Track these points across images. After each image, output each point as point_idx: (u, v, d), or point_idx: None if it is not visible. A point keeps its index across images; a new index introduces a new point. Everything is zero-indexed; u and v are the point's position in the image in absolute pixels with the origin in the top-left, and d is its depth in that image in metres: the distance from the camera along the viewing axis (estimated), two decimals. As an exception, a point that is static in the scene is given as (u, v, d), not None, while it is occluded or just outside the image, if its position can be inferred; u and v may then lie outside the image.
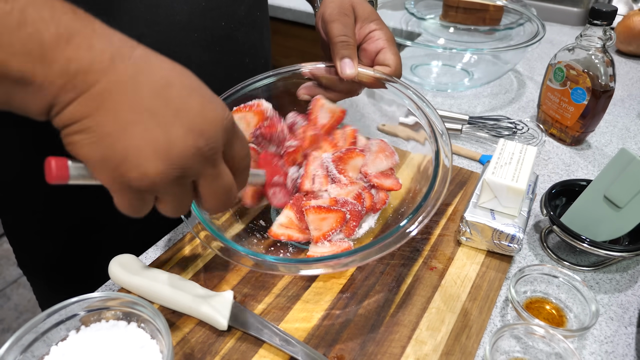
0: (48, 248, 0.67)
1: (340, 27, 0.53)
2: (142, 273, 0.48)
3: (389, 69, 0.54)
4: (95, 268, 0.55)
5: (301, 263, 0.44)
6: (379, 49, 0.54)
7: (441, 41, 1.07)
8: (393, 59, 0.54)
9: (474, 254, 0.54)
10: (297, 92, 0.59)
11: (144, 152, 0.31)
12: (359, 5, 0.55)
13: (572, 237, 0.52)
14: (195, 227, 0.46)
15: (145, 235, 0.61)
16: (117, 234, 0.66)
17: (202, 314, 0.46)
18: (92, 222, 0.65)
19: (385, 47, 0.54)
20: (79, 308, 0.42)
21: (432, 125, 0.53)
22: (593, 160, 0.73)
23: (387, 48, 0.54)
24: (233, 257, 0.44)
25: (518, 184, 0.51)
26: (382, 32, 0.55)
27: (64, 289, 0.70)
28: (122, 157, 0.31)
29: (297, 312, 0.48)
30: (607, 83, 0.69)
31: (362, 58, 0.56)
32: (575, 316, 0.48)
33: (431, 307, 0.48)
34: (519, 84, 0.95)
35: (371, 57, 0.55)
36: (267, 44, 0.75)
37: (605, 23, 0.66)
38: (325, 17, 0.54)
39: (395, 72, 0.54)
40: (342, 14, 0.53)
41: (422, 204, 0.44)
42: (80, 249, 0.66)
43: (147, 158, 0.31)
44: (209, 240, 0.45)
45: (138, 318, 0.42)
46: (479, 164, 0.71)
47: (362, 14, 0.55)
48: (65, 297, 0.42)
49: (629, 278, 0.53)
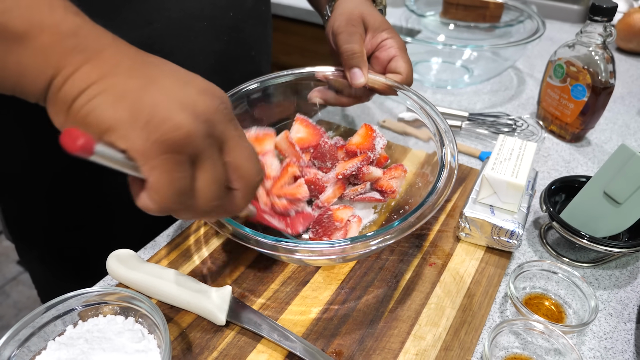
0: (49, 239, 0.67)
1: (347, 37, 0.54)
2: (140, 268, 0.48)
3: (401, 76, 0.56)
4: (94, 261, 0.55)
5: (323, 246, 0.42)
6: (390, 57, 0.56)
7: (441, 38, 1.07)
8: (404, 66, 0.55)
9: (473, 249, 0.54)
10: (308, 94, 0.60)
11: (171, 105, 0.30)
12: (369, 15, 0.56)
13: (571, 233, 0.52)
14: None
15: (144, 231, 0.61)
16: (118, 229, 0.66)
17: (200, 309, 0.45)
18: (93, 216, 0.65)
19: (397, 55, 0.56)
20: (77, 303, 0.42)
21: (435, 123, 0.53)
22: (593, 157, 0.73)
23: (398, 56, 0.56)
24: (249, 241, 0.42)
25: (517, 180, 0.51)
26: (393, 41, 0.56)
27: (63, 278, 0.71)
28: (151, 111, 0.29)
29: (296, 307, 0.47)
30: (607, 80, 0.68)
31: (374, 66, 0.58)
32: (574, 312, 0.48)
33: (430, 303, 0.48)
34: (518, 81, 0.95)
35: (383, 65, 0.57)
36: (270, 40, 0.76)
37: (605, 19, 0.66)
38: (334, 29, 0.56)
39: (406, 79, 0.56)
40: (349, 25, 0.55)
41: (428, 199, 0.44)
42: (81, 241, 0.67)
43: (176, 111, 0.30)
44: (220, 226, 0.43)
45: (136, 313, 0.42)
46: (478, 160, 0.70)
47: (373, 23, 0.56)
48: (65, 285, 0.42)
49: (628, 274, 0.53)
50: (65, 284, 0.71)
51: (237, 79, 0.66)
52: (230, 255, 0.53)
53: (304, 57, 1.49)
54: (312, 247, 0.42)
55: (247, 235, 0.42)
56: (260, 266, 0.51)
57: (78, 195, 0.63)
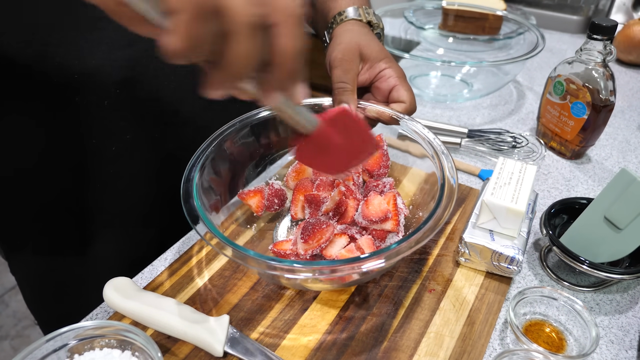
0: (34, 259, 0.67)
1: (340, 73, 0.55)
2: (136, 297, 0.47)
3: (404, 105, 0.56)
4: (89, 285, 0.55)
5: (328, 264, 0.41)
6: (391, 86, 0.57)
7: (440, 51, 1.07)
8: (406, 95, 0.56)
9: (473, 275, 0.53)
10: None
11: None
12: (367, 46, 0.57)
13: (571, 258, 0.51)
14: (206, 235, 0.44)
15: (141, 252, 0.60)
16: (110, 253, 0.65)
17: (197, 340, 0.45)
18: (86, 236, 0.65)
19: (397, 84, 0.56)
20: (72, 336, 0.41)
21: (431, 144, 0.53)
22: (593, 174, 0.72)
23: (399, 85, 0.56)
24: (249, 262, 0.41)
25: (517, 206, 0.50)
26: (392, 70, 0.57)
27: (52, 300, 0.70)
28: None
29: (294, 336, 0.47)
30: (608, 97, 0.68)
31: (376, 96, 0.59)
32: (575, 340, 0.47)
33: (429, 332, 0.47)
34: (518, 95, 0.94)
35: (385, 95, 0.58)
36: None
37: (605, 38, 0.66)
38: (330, 61, 0.56)
39: (410, 106, 0.56)
40: (344, 60, 0.55)
41: (429, 220, 0.44)
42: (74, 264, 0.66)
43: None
44: (221, 247, 0.43)
45: (132, 346, 0.42)
46: (478, 179, 0.70)
47: (370, 54, 0.56)
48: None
49: (629, 299, 0.53)
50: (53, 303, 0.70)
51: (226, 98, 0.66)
52: (228, 282, 0.52)
53: (308, 68, 1.48)
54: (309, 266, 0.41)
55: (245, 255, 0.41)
56: (258, 293, 0.51)
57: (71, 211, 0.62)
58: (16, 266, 0.70)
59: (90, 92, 0.55)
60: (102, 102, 0.56)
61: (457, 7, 1.06)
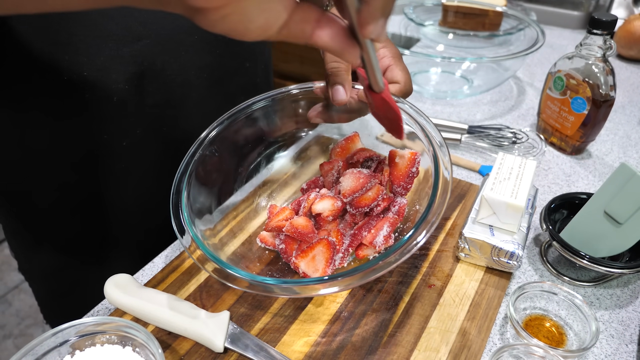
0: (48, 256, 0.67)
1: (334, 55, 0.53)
2: (137, 294, 0.47)
3: (399, 85, 0.54)
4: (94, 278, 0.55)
5: (301, 284, 0.43)
6: (386, 66, 0.54)
7: (440, 47, 1.07)
8: (401, 75, 0.54)
9: (473, 270, 0.53)
10: (308, 114, 0.59)
11: None
12: None
13: (571, 253, 0.51)
14: (190, 247, 0.46)
15: (142, 250, 0.61)
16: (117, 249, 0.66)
17: (198, 336, 0.45)
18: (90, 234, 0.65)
19: (392, 64, 0.54)
20: (73, 332, 0.42)
21: (428, 136, 0.52)
22: (594, 169, 0.72)
23: (394, 65, 0.54)
24: (227, 278, 0.43)
25: (517, 201, 0.50)
26: (387, 50, 0.54)
27: (63, 297, 0.71)
28: None
29: (294, 333, 0.47)
30: (608, 92, 0.68)
31: None
32: (575, 334, 0.47)
33: (429, 327, 0.47)
34: (518, 91, 0.94)
35: None
36: (268, 50, 0.75)
37: (605, 32, 0.66)
38: None
39: (405, 87, 0.54)
40: None
41: (425, 217, 0.44)
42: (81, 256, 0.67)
43: None
44: (203, 261, 0.44)
45: (133, 342, 0.42)
46: (478, 174, 0.70)
47: None
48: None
49: (629, 293, 0.53)
50: (64, 299, 0.71)
51: (232, 91, 0.66)
52: (228, 277, 0.52)
53: (303, 65, 1.49)
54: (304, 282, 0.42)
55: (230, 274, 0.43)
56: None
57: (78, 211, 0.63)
58: (29, 264, 0.70)
59: (100, 88, 0.55)
60: (112, 98, 0.56)
61: (457, 3, 1.06)
